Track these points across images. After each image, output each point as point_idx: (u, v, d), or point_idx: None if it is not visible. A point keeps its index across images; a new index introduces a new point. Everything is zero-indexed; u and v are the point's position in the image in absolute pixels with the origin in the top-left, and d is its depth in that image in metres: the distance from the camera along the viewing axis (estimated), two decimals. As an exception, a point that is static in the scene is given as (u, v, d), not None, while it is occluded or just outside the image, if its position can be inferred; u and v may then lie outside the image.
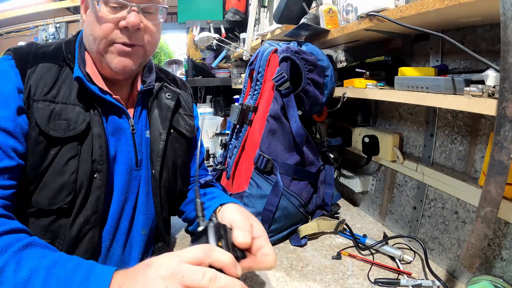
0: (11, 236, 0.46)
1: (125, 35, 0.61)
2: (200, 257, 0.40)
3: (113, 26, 0.60)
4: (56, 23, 3.09)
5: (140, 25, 0.61)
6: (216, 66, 2.37)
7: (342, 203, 1.12)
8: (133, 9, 0.60)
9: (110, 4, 0.59)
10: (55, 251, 0.48)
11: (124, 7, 0.60)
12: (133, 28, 0.61)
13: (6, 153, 0.54)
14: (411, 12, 0.60)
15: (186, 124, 0.79)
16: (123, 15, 0.60)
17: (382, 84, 0.79)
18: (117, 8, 0.60)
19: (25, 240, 0.46)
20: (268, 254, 0.50)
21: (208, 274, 0.39)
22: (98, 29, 0.60)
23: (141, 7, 0.61)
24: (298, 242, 0.84)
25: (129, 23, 0.60)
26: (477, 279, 0.57)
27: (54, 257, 0.45)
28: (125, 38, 0.61)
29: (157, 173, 0.69)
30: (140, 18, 0.61)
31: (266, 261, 0.49)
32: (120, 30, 0.61)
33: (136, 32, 0.62)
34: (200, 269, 0.39)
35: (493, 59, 0.60)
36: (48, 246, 0.48)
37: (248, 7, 2.26)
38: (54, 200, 0.58)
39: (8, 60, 0.59)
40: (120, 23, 0.60)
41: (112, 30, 0.60)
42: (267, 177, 0.85)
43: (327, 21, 0.94)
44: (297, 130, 0.84)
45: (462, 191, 0.67)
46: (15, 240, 0.45)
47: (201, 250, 0.41)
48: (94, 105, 0.62)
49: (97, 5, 0.59)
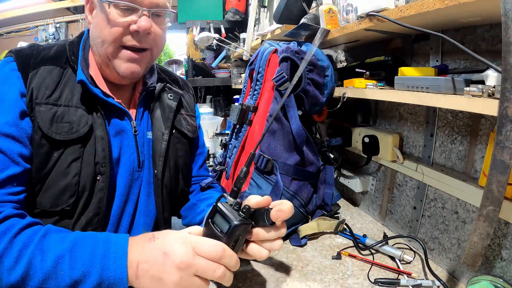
0: (29, 230, 0.49)
1: (135, 38, 0.62)
2: (214, 256, 0.46)
3: (123, 29, 0.60)
4: (56, 23, 3.09)
5: (150, 29, 0.61)
6: (216, 66, 2.37)
7: (342, 203, 1.12)
8: (144, 13, 0.60)
9: (120, 7, 0.59)
10: (70, 232, 0.52)
11: (135, 10, 0.60)
12: (144, 32, 0.61)
13: (13, 159, 0.54)
14: (411, 12, 0.60)
15: (188, 124, 0.79)
16: (133, 19, 0.60)
17: (382, 84, 0.78)
18: (127, 11, 0.60)
19: (42, 230, 0.49)
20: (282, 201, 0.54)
21: (218, 271, 0.45)
22: (107, 31, 0.60)
23: (151, 11, 0.61)
24: (298, 242, 0.84)
25: (141, 27, 0.60)
26: (477, 279, 0.57)
27: (72, 239, 0.49)
28: (134, 41, 0.62)
29: (159, 173, 0.70)
30: (150, 22, 0.61)
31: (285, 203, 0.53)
32: (130, 34, 0.61)
33: (146, 36, 0.62)
34: (212, 266, 0.45)
35: (493, 59, 0.60)
36: (62, 230, 0.52)
37: (248, 7, 2.26)
38: (57, 202, 0.58)
39: (10, 63, 0.59)
40: (131, 27, 0.60)
41: (122, 33, 0.60)
42: (267, 177, 0.85)
43: (327, 21, 0.94)
44: (297, 130, 0.84)
45: (462, 191, 0.67)
46: (33, 233, 0.49)
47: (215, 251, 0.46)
48: (97, 108, 0.62)
49: (108, 8, 0.59)
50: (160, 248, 0.46)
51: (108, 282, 0.45)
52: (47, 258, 0.45)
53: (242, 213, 0.49)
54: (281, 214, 0.51)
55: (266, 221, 0.51)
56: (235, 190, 0.51)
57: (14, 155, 0.54)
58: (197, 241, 0.47)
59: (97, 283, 0.45)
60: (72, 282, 0.45)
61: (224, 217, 0.48)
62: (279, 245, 0.53)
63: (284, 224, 0.54)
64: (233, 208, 0.50)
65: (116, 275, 0.45)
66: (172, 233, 0.49)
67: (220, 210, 0.50)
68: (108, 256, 0.46)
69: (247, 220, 0.50)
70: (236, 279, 0.67)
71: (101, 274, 0.45)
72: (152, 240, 0.48)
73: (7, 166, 0.53)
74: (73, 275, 0.45)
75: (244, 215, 0.49)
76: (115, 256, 0.46)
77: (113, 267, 0.46)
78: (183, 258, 0.44)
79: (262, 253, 0.53)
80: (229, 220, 0.48)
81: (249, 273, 0.72)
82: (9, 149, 0.54)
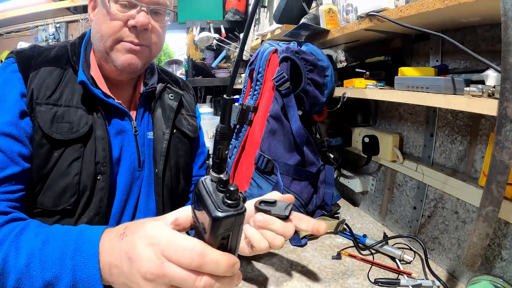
0: (9, 226, 0.47)
1: (133, 33, 0.62)
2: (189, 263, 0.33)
3: (122, 24, 0.61)
4: (56, 23, 3.09)
5: (148, 26, 0.62)
6: (216, 66, 2.37)
7: (342, 203, 1.12)
8: (142, 9, 0.61)
9: (120, 2, 0.60)
10: (46, 227, 0.47)
11: (134, 6, 0.61)
12: (141, 28, 0.61)
13: (12, 159, 0.54)
14: (411, 12, 0.60)
15: (188, 124, 0.79)
16: (132, 14, 0.61)
17: (382, 84, 0.79)
18: (127, 7, 0.61)
19: (20, 225, 0.46)
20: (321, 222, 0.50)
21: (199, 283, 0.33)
22: (106, 26, 0.61)
23: (150, 8, 0.62)
24: (298, 242, 0.84)
25: (138, 23, 0.60)
26: (477, 279, 0.57)
27: (45, 234, 0.44)
28: (132, 36, 0.62)
29: (160, 172, 0.70)
30: (148, 18, 0.62)
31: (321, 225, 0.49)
32: (128, 29, 0.61)
33: (144, 32, 0.63)
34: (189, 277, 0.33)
35: (493, 59, 0.60)
36: (41, 225, 0.48)
37: (248, 7, 2.26)
38: (58, 201, 0.58)
39: (11, 65, 0.60)
40: (129, 22, 0.61)
41: (121, 28, 0.61)
42: (267, 177, 0.85)
43: (327, 21, 0.94)
44: (298, 130, 0.84)
45: (462, 191, 0.67)
46: (12, 229, 0.46)
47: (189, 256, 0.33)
48: (97, 108, 0.63)
49: (108, 2, 0.60)
50: (125, 251, 0.37)
51: (82, 284, 0.40)
52: (20, 256, 0.42)
53: (228, 200, 0.33)
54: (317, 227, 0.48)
55: (284, 212, 0.48)
56: (218, 162, 0.37)
57: (13, 155, 0.54)
58: (169, 242, 0.34)
59: (71, 286, 0.40)
60: (45, 283, 0.41)
61: (205, 206, 0.33)
62: (281, 242, 0.48)
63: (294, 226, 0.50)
64: (217, 189, 0.35)
65: (89, 277, 0.39)
66: (140, 228, 0.37)
67: (200, 193, 0.35)
68: (79, 256, 0.40)
69: (236, 208, 0.33)
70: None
71: (73, 276, 0.40)
72: (121, 237, 0.39)
73: (6, 166, 0.53)
74: (44, 276, 0.41)
75: (231, 201, 0.33)
76: (86, 256, 0.40)
77: (84, 269, 0.40)
78: (150, 268, 0.34)
79: (262, 244, 0.47)
80: (209, 211, 0.32)
81: (249, 273, 0.72)
82: (8, 148, 0.54)
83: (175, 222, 0.39)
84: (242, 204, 0.34)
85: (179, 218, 0.39)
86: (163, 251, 0.34)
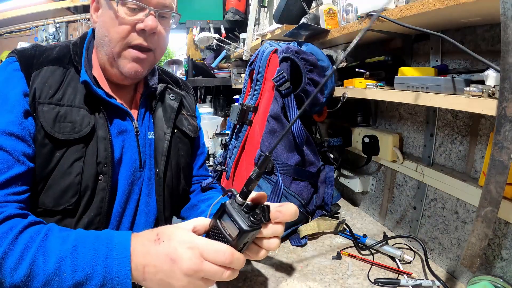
0: (31, 230, 0.49)
1: (142, 37, 0.62)
2: (223, 262, 0.44)
3: (130, 28, 0.61)
4: (56, 23, 3.08)
5: (157, 29, 0.62)
6: (216, 66, 2.37)
7: (342, 203, 1.12)
8: (151, 12, 0.61)
9: (128, 5, 0.60)
10: (71, 231, 0.51)
11: (142, 9, 0.61)
12: (150, 32, 0.61)
13: (17, 158, 0.54)
14: (411, 12, 0.60)
15: (189, 124, 0.79)
16: (140, 18, 0.61)
17: (382, 84, 0.78)
18: (135, 10, 0.61)
19: (44, 230, 0.49)
20: (287, 204, 0.52)
21: (226, 274, 0.45)
22: (114, 30, 0.61)
23: (158, 11, 0.62)
24: (298, 242, 0.84)
25: (147, 26, 0.60)
26: (477, 279, 0.57)
27: (73, 239, 0.48)
28: (141, 40, 0.62)
29: (161, 172, 0.70)
30: (157, 22, 0.62)
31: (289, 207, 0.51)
32: (136, 33, 0.61)
33: (152, 36, 0.63)
34: (220, 271, 0.44)
35: (493, 59, 0.60)
36: (64, 229, 0.51)
37: (248, 7, 2.26)
38: (59, 201, 0.58)
39: (12, 63, 0.60)
40: (138, 26, 0.61)
41: (129, 32, 0.61)
42: (267, 177, 0.85)
43: (327, 21, 0.94)
44: (298, 130, 0.84)
45: (462, 191, 0.67)
46: (35, 233, 0.48)
47: (224, 257, 0.44)
48: (99, 108, 0.63)
49: (116, 6, 0.59)
50: (166, 254, 0.45)
51: (112, 283, 0.45)
52: (49, 260, 0.45)
53: (253, 218, 0.47)
54: (279, 215, 0.49)
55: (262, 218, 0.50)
56: (245, 191, 0.48)
57: (18, 154, 0.54)
58: (206, 246, 0.45)
59: (101, 285, 0.45)
60: (75, 283, 0.45)
61: (234, 221, 0.46)
62: (276, 244, 0.51)
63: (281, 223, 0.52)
64: (243, 210, 0.48)
65: (120, 277, 0.45)
66: (177, 235, 0.46)
67: (229, 212, 0.47)
68: (111, 257, 0.46)
69: (257, 225, 0.47)
70: (236, 279, 0.67)
71: (105, 276, 0.45)
72: (157, 242, 0.46)
73: (11, 166, 0.53)
74: (76, 277, 0.45)
75: (255, 220, 0.47)
76: (119, 258, 0.46)
77: (117, 269, 0.45)
78: (191, 265, 0.43)
79: (260, 252, 0.51)
80: (240, 225, 0.46)
81: (249, 273, 0.72)
82: (13, 148, 0.54)
83: (194, 229, 0.48)
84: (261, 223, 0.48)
85: (197, 226, 0.49)
86: (202, 252, 0.44)
